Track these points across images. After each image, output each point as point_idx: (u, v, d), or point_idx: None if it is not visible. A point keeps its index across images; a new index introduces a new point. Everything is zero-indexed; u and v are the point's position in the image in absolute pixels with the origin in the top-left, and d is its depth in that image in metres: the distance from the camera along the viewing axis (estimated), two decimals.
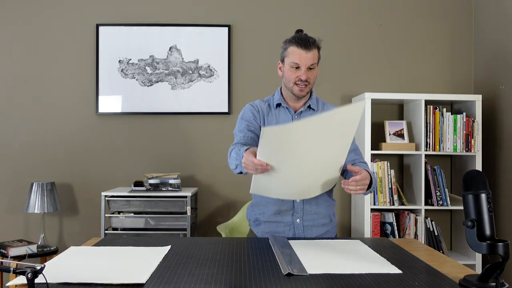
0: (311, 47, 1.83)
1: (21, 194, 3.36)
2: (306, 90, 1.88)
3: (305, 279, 1.26)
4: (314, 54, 1.84)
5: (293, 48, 1.84)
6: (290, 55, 1.85)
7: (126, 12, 3.45)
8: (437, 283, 1.23)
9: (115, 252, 1.54)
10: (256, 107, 1.97)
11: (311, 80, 1.86)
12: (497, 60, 3.24)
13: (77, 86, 3.44)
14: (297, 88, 1.87)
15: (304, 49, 1.82)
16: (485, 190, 1.23)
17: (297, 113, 1.94)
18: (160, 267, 1.37)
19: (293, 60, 1.84)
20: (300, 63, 1.83)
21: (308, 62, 1.83)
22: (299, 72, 1.84)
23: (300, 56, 1.82)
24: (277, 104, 1.96)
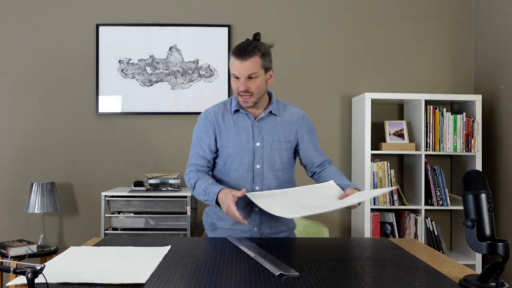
0: (247, 56, 1.74)
1: (21, 194, 3.36)
2: (251, 100, 1.80)
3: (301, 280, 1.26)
4: (252, 64, 1.75)
5: (232, 59, 1.78)
6: (231, 66, 1.79)
7: (126, 12, 3.45)
8: (437, 283, 1.23)
9: (115, 252, 1.54)
10: (209, 117, 1.90)
11: (253, 89, 1.78)
12: (497, 60, 3.24)
13: (77, 86, 3.43)
14: (240, 99, 1.81)
15: (239, 58, 1.75)
16: (485, 190, 1.22)
17: (258, 119, 1.88)
18: (160, 267, 1.37)
19: (232, 71, 1.79)
20: (237, 73, 1.77)
21: (245, 72, 1.75)
22: (239, 83, 1.78)
23: (237, 66, 1.76)
24: (235, 110, 1.89)
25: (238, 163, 1.85)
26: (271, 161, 1.86)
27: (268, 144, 1.86)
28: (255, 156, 1.85)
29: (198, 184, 1.79)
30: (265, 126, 1.88)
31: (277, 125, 1.89)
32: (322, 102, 3.49)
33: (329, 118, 3.49)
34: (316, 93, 3.49)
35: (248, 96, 1.79)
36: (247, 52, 1.75)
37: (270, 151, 1.86)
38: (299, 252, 1.58)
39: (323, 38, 3.49)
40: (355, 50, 3.51)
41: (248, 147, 1.85)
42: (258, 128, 1.87)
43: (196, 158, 1.89)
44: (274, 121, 1.90)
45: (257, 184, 1.85)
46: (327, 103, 3.49)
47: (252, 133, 1.86)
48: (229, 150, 1.86)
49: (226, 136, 1.87)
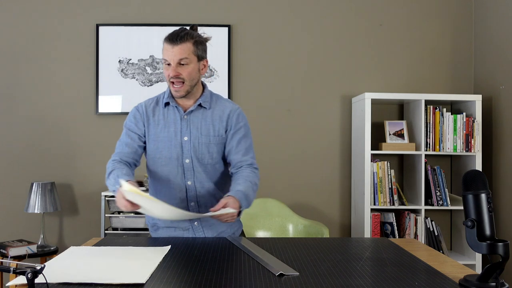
0: (178, 41, 1.70)
1: (21, 194, 3.36)
2: (183, 89, 1.75)
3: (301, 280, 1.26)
4: (183, 49, 1.71)
5: (164, 45, 1.74)
6: (163, 52, 1.75)
7: (126, 12, 3.45)
8: (437, 283, 1.23)
9: (115, 252, 1.54)
10: (140, 109, 1.86)
11: (184, 76, 1.73)
12: (497, 60, 3.24)
13: (77, 86, 3.43)
14: (172, 88, 1.76)
15: (171, 43, 1.71)
16: (485, 190, 1.22)
17: (187, 113, 1.83)
18: (160, 267, 1.37)
19: (163, 56, 1.74)
20: (168, 58, 1.72)
21: (176, 57, 1.71)
22: (170, 69, 1.73)
23: (167, 51, 1.72)
24: (166, 103, 1.84)
25: (167, 158, 1.81)
26: (200, 155, 1.81)
27: (196, 138, 1.81)
28: (183, 150, 1.81)
29: (112, 174, 1.73)
30: (194, 120, 1.82)
31: (207, 118, 1.83)
32: (322, 102, 3.49)
33: (329, 118, 3.49)
34: (316, 93, 3.49)
35: (180, 85, 1.74)
36: (179, 37, 1.71)
37: (198, 145, 1.81)
38: (299, 252, 1.58)
39: (323, 38, 3.49)
40: (355, 50, 3.51)
41: (176, 141, 1.81)
42: (187, 122, 1.82)
43: (122, 147, 1.83)
44: (204, 114, 1.84)
45: (189, 179, 1.82)
46: (327, 103, 3.49)
47: (180, 126, 1.82)
48: (157, 144, 1.82)
49: (154, 130, 1.83)
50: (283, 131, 3.48)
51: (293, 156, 3.47)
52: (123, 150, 1.83)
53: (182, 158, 1.81)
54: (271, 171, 3.46)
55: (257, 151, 3.43)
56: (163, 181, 1.83)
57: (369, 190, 3.13)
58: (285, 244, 1.70)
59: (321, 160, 3.48)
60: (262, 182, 3.43)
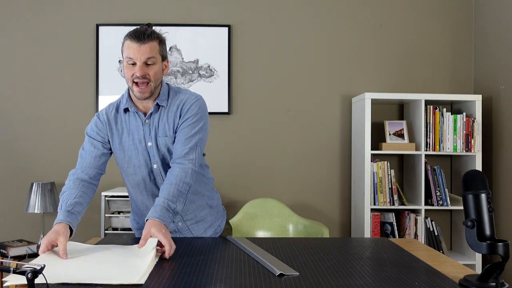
0: (146, 40, 1.64)
1: (21, 194, 3.36)
2: (148, 90, 1.67)
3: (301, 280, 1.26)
4: (151, 47, 1.65)
5: (127, 42, 1.65)
6: (125, 50, 1.66)
7: (126, 12, 3.45)
8: (437, 283, 1.23)
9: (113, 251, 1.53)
10: (101, 117, 1.79)
11: (151, 76, 1.66)
12: (497, 60, 3.24)
13: (77, 86, 3.44)
14: (136, 88, 1.67)
15: (137, 41, 1.63)
16: (485, 190, 1.22)
17: (147, 117, 1.74)
18: (159, 267, 1.37)
19: (127, 55, 1.65)
20: (134, 57, 1.63)
21: (144, 56, 1.63)
22: (135, 69, 1.64)
23: (133, 49, 1.63)
24: (125, 109, 1.76)
25: (136, 166, 1.76)
26: (164, 158, 1.75)
27: (158, 141, 1.74)
28: (150, 156, 1.75)
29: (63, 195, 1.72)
30: (154, 122, 1.74)
31: (164, 117, 1.74)
32: (322, 102, 3.49)
33: (329, 118, 3.49)
34: (316, 93, 3.49)
35: (145, 85, 1.66)
36: (146, 36, 1.64)
37: (161, 148, 1.74)
38: (299, 252, 1.58)
39: (323, 38, 3.49)
40: (355, 50, 3.51)
41: (142, 148, 1.75)
42: (148, 126, 1.74)
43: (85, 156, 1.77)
44: (162, 114, 1.75)
45: (160, 183, 1.76)
46: (327, 103, 3.49)
47: (143, 132, 1.75)
48: (124, 153, 1.77)
49: (119, 139, 1.77)
50: (283, 131, 3.48)
51: (293, 156, 3.47)
52: (86, 160, 1.78)
53: (150, 164, 1.76)
54: (271, 171, 3.46)
55: (257, 151, 3.44)
56: (136, 188, 1.81)
57: (369, 190, 3.13)
58: (285, 244, 1.70)
59: (321, 160, 3.48)
60: (262, 182, 3.46)
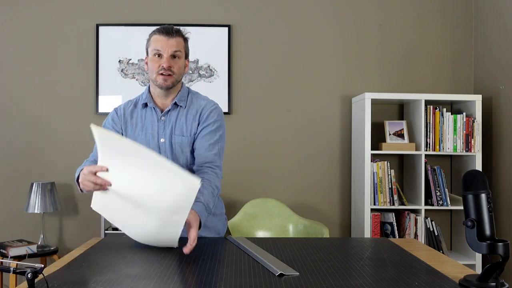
0: (173, 34, 1.76)
1: (21, 194, 3.36)
2: (170, 80, 1.77)
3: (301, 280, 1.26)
4: (178, 42, 1.77)
5: (155, 36, 1.77)
6: (152, 43, 1.77)
7: (126, 12, 3.45)
8: (437, 283, 1.23)
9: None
10: (118, 112, 1.86)
11: (175, 69, 1.76)
12: (497, 60, 3.24)
13: (77, 86, 3.44)
14: (160, 78, 1.76)
15: (166, 35, 1.75)
16: (485, 190, 1.22)
17: (163, 114, 1.82)
18: (160, 267, 1.37)
19: (154, 47, 1.76)
20: (161, 49, 1.75)
21: (171, 49, 1.75)
22: (161, 60, 1.75)
23: (161, 42, 1.75)
24: (144, 104, 1.84)
25: None
26: (175, 156, 1.80)
27: (171, 139, 1.80)
28: (160, 152, 1.80)
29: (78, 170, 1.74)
30: (171, 120, 1.82)
31: (182, 117, 1.82)
32: (322, 102, 3.49)
33: (329, 118, 3.49)
34: (316, 93, 3.49)
35: (169, 75, 1.76)
36: (174, 31, 1.77)
37: (173, 146, 1.80)
38: (299, 252, 1.58)
39: (323, 38, 3.49)
40: (355, 50, 3.51)
41: (154, 143, 1.80)
42: (163, 123, 1.82)
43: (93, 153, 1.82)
44: (179, 113, 1.82)
45: None
46: (327, 103, 3.49)
47: (157, 128, 1.81)
48: None
49: (132, 133, 1.83)
50: (283, 131, 3.48)
51: (293, 156, 3.47)
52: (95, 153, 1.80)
53: None
54: (271, 171, 3.46)
55: (257, 151, 3.44)
56: None
57: (369, 190, 3.13)
58: (285, 244, 1.70)
59: (321, 160, 3.48)
60: (262, 182, 3.45)
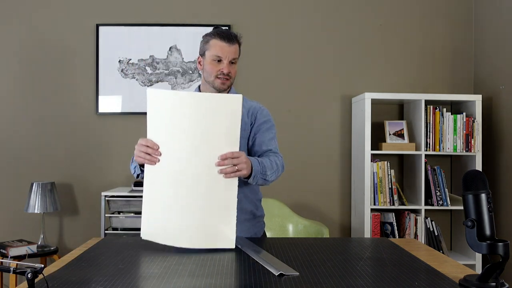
0: (233, 41, 1.82)
1: (21, 194, 3.36)
2: (227, 84, 1.84)
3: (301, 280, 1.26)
4: (236, 49, 1.83)
5: (215, 41, 1.81)
6: (212, 48, 1.81)
7: (126, 12, 3.45)
8: (437, 283, 1.23)
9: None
10: None
11: (232, 74, 1.83)
12: (497, 60, 3.24)
13: (77, 86, 3.44)
14: (219, 81, 1.82)
15: (227, 42, 1.80)
16: (485, 190, 1.22)
17: None
18: (160, 267, 1.37)
19: (215, 53, 1.80)
20: (222, 56, 1.80)
21: (231, 55, 1.81)
22: (221, 66, 1.81)
23: (222, 49, 1.80)
24: None
25: None
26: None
27: None
28: None
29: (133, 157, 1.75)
30: None
31: None
32: (322, 102, 3.49)
33: (329, 118, 3.49)
34: (316, 93, 3.49)
35: (226, 79, 1.82)
36: (234, 37, 1.83)
37: None
38: (299, 252, 1.58)
39: (323, 38, 3.49)
40: (355, 50, 3.50)
41: None
42: None
43: None
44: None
45: None
46: (327, 103, 3.49)
47: None
48: None
49: None
50: (283, 131, 3.47)
51: (293, 156, 3.46)
52: None
53: None
54: None
55: None
56: None
57: (369, 190, 3.13)
58: (285, 244, 1.70)
59: (321, 160, 3.48)
60: None
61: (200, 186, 1.56)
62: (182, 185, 1.57)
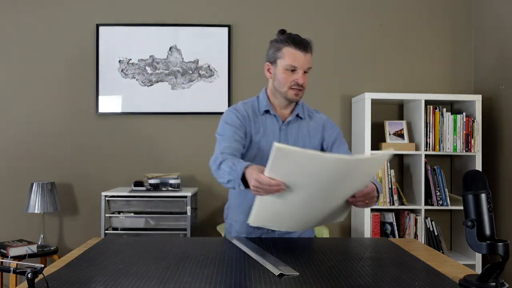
0: (308, 50, 1.74)
1: (21, 194, 3.36)
2: (300, 95, 1.78)
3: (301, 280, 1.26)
4: (310, 58, 1.76)
5: (289, 49, 1.73)
6: (286, 57, 1.73)
7: (126, 12, 3.45)
8: (437, 283, 1.23)
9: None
10: (241, 113, 1.81)
11: (305, 84, 1.76)
12: (497, 60, 3.24)
13: (77, 86, 3.44)
14: (292, 92, 1.75)
15: (302, 51, 1.72)
16: (485, 190, 1.22)
17: (285, 123, 1.82)
18: (160, 267, 1.37)
19: (289, 63, 1.72)
20: (297, 65, 1.72)
21: (306, 65, 1.73)
22: (295, 76, 1.72)
23: (297, 58, 1.71)
24: (265, 111, 1.82)
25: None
26: None
27: None
28: None
29: (227, 164, 1.57)
30: (292, 131, 1.82)
31: (304, 130, 1.84)
32: (322, 102, 3.49)
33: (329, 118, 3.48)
34: (316, 93, 3.49)
35: (300, 90, 1.75)
36: (308, 46, 1.74)
37: None
38: (299, 252, 1.58)
39: (323, 38, 3.49)
40: (355, 50, 3.51)
41: None
42: (285, 132, 1.81)
43: (230, 142, 1.69)
44: (300, 125, 1.83)
45: None
46: (327, 103, 3.49)
47: (278, 136, 1.79)
48: (257, 152, 1.78)
49: (254, 137, 1.79)
50: None
51: None
52: (232, 145, 1.69)
53: None
54: None
55: None
56: None
57: None
58: (285, 244, 1.70)
59: None
60: None
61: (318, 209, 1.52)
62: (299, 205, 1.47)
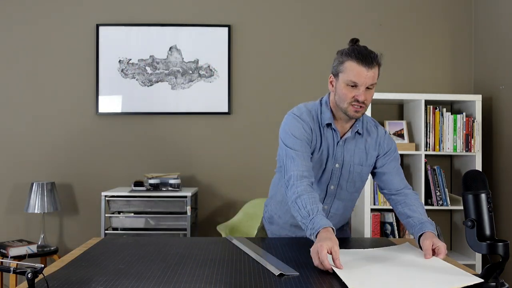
0: (373, 65, 1.58)
1: (21, 194, 3.36)
2: (361, 112, 1.64)
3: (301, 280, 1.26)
4: (375, 73, 1.60)
5: (351, 64, 1.60)
6: (348, 71, 1.60)
7: (126, 12, 3.45)
8: None
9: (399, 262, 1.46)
10: (307, 124, 1.70)
11: (367, 101, 1.62)
12: (497, 60, 3.24)
13: (77, 86, 3.43)
14: (352, 109, 1.62)
15: (366, 66, 1.57)
16: (485, 190, 1.22)
17: (342, 140, 1.71)
18: (160, 267, 1.37)
19: (350, 78, 1.59)
20: (358, 82, 1.58)
21: (368, 81, 1.59)
22: (356, 92, 1.59)
23: (359, 74, 1.57)
24: (328, 124, 1.71)
25: (315, 181, 1.69)
26: (347, 184, 1.75)
27: (348, 166, 1.72)
28: (332, 176, 1.73)
29: (303, 201, 1.52)
30: (349, 147, 1.73)
31: (361, 146, 1.74)
32: None
33: None
34: (316, 93, 3.48)
35: (361, 107, 1.62)
36: (373, 60, 1.59)
37: (348, 174, 1.73)
38: (299, 252, 1.58)
39: (323, 38, 3.49)
40: None
41: (328, 166, 1.72)
42: (341, 149, 1.72)
43: (306, 160, 1.63)
44: (358, 141, 1.74)
45: (327, 203, 1.77)
46: None
47: (334, 152, 1.71)
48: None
49: (313, 149, 1.71)
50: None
51: None
52: (307, 164, 1.63)
53: (328, 184, 1.74)
54: (271, 171, 3.44)
55: (257, 151, 3.44)
56: None
57: (369, 190, 3.13)
58: (285, 244, 1.70)
59: None
60: (262, 182, 3.45)
61: None
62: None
